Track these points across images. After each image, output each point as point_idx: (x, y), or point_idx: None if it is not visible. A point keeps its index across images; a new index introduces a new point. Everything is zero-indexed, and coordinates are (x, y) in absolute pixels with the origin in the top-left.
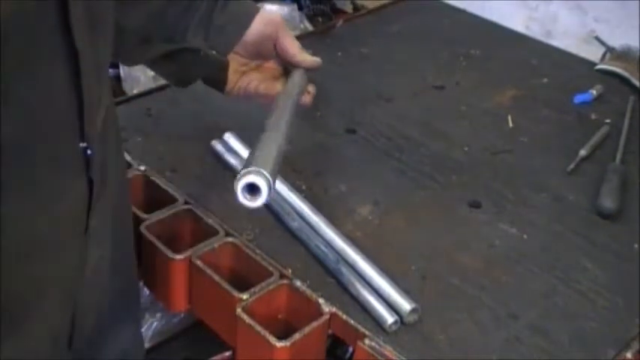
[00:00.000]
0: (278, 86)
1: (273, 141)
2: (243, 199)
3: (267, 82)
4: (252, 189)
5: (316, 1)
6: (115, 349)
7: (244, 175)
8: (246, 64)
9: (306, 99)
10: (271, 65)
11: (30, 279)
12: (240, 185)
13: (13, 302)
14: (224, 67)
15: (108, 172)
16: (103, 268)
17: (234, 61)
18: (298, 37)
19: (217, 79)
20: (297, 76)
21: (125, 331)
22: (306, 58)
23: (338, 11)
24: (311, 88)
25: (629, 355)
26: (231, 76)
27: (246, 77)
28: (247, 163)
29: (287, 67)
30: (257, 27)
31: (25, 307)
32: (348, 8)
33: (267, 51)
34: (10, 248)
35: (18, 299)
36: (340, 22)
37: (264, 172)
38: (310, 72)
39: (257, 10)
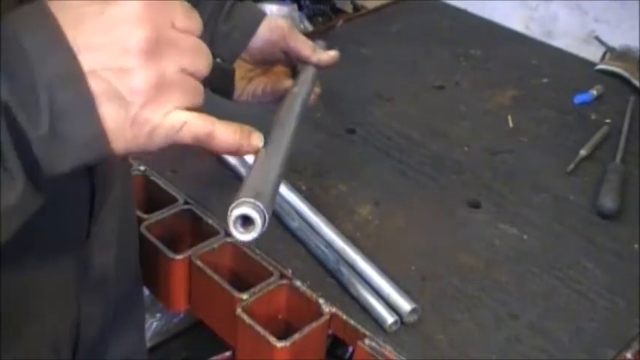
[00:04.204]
0: (286, 83)
1: (272, 161)
2: (236, 231)
3: (274, 82)
4: (246, 220)
5: (316, 1)
6: (119, 355)
7: (237, 205)
8: (253, 69)
9: (312, 99)
10: (279, 69)
11: (30, 286)
12: (232, 217)
13: (13, 310)
14: (230, 75)
15: (112, 179)
16: (107, 273)
17: (241, 68)
18: None
19: (224, 87)
20: (306, 75)
21: (129, 337)
22: (322, 57)
23: (338, 11)
24: (317, 89)
25: (629, 355)
26: (238, 83)
27: (253, 83)
28: (242, 190)
29: (296, 67)
30: (263, 33)
31: (25, 314)
32: (348, 8)
33: (274, 57)
34: (9, 254)
35: (18, 307)
36: (340, 22)
37: (259, 204)
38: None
39: (263, 16)
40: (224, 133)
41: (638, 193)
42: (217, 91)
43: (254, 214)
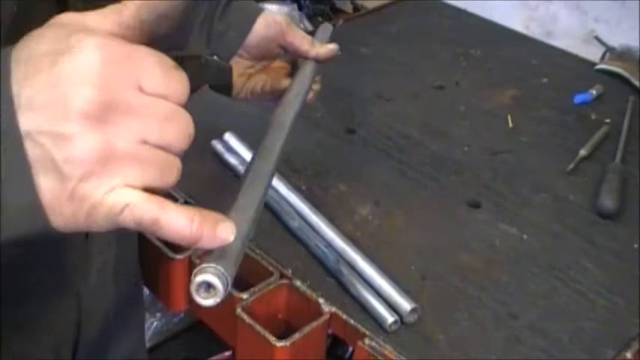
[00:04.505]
0: (285, 82)
1: (248, 205)
2: (198, 297)
3: (273, 80)
4: (209, 285)
5: (316, 1)
6: (119, 354)
7: (200, 272)
8: (252, 66)
9: (310, 97)
10: (278, 64)
11: (29, 286)
12: (195, 284)
13: (13, 310)
14: (227, 73)
15: None
16: (107, 273)
17: (239, 65)
18: None
19: (222, 85)
20: (305, 72)
21: (130, 337)
22: (320, 51)
23: (338, 11)
24: (316, 86)
25: (629, 355)
26: (237, 80)
27: (252, 80)
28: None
29: (296, 63)
30: (260, 29)
31: (25, 314)
32: (348, 8)
33: (272, 53)
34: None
35: (17, 306)
36: (340, 22)
37: (220, 268)
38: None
39: (259, 12)
40: (174, 222)
41: (638, 193)
42: (215, 88)
43: (216, 282)
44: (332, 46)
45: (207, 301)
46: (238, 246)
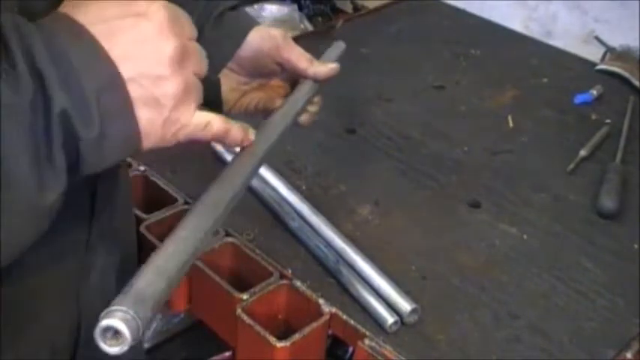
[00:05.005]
0: (279, 102)
1: (185, 246)
2: (103, 343)
3: (267, 99)
4: (116, 331)
5: (316, 1)
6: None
7: (107, 315)
8: (247, 82)
9: (304, 119)
10: (276, 83)
11: (30, 287)
12: (99, 327)
13: (12, 311)
14: (215, 87)
15: (113, 179)
16: (108, 274)
17: (232, 79)
18: (298, 37)
19: (211, 99)
20: (300, 91)
21: None
22: (319, 70)
23: (338, 11)
24: (313, 108)
25: (629, 355)
26: (230, 95)
27: (247, 96)
28: (125, 289)
29: (296, 83)
30: (253, 42)
31: (24, 315)
32: (348, 8)
33: (267, 68)
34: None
35: (17, 308)
36: (340, 22)
37: (131, 313)
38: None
39: (254, 25)
40: (235, 131)
41: (638, 193)
42: (205, 103)
43: (122, 328)
44: (333, 65)
45: (113, 348)
46: (161, 286)
